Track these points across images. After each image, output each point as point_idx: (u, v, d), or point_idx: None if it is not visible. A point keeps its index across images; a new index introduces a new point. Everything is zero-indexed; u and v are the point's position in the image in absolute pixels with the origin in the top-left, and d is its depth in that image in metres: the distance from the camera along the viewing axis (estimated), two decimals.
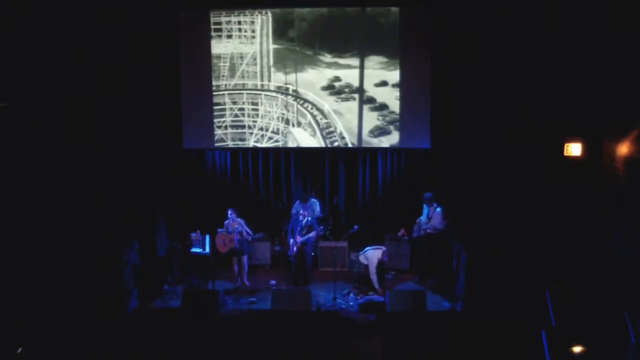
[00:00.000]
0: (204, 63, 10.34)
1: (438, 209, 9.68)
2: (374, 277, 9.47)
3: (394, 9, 10.03)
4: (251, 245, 10.46)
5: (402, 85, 10.19)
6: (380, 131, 10.53)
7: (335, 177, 11.16)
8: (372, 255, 9.50)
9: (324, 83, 10.42)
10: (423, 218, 9.80)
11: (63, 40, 9.26)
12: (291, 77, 10.41)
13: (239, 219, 9.71)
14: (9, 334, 7.83)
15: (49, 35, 9.17)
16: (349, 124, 10.52)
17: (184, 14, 10.16)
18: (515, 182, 9.39)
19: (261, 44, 10.33)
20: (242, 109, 10.63)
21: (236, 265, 9.82)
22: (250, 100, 10.62)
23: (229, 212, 9.73)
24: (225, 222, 9.76)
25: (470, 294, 8.84)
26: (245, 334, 8.41)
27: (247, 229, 9.73)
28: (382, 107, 10.42)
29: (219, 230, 9.80)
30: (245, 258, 9.88)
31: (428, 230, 9.67)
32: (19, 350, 7.39)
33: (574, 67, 8.90)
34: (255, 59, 10.43)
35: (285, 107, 10.55)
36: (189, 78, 10.33)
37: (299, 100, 10.48)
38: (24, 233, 9.16)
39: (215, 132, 10.67)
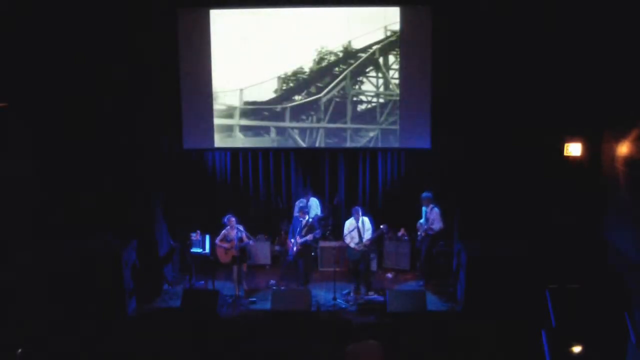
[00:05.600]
0: (204, 63, 10.34)
1: (435, 209, 9.66)
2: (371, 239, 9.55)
3: (394, 9, 10.02)
4: (251, 247, 10.46)
5: (402, 84, 10.18)
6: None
7: (335, 177, 11.17)
8: (367, 223, 9.58)
9: None
10: (423, 220, 9.78)
11: (63, 40, 9.25)
12: None
13: (238, 226, 9.64)
14: (9, 335, 7.83)
15: (49, 35, 9.17)
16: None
17: (184, 14, 10.15)
18: (515, 182, 9.38)
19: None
20: None
21: (235, 273, 9.73)
22: None
23: (227, 218, 9.61)
24: (223, 231, 9.68)
25: (470, 294, 8.84)
26: (245, 334, 8.41)
27: (247, 234, 9.69)
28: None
29: (217, 242, 9.70)
30: (245, 265, 9.86)
31: (429, 232, 9.65)
32: (19, 351, 7.39)
33: (574, 67, 8.90)
34: None
35: None
36: (189, 78, 10.33)
37: None
38: (24, 233, 9.16)
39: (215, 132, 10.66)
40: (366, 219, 9.64)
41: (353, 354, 6.72)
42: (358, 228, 9.53)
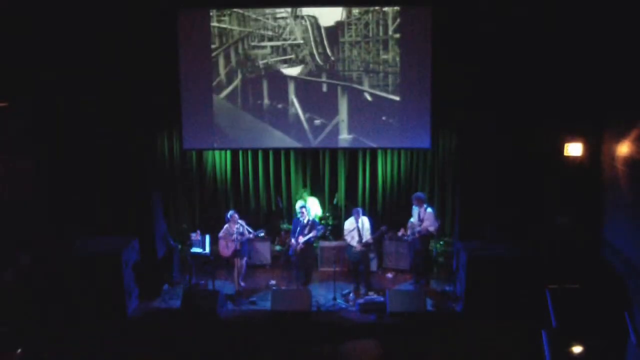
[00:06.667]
0: (204, 63, 10.34)
1: (429, 210, 9.65)
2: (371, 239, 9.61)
3: (394, 9, 10.03)
4: (251, 245, 10.50)
5: (402, 84, 10.18)
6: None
7: (335, 176, 11.18)
8: (367, 223, 9.63)
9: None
10: (414, 220, 9.78)
11: (63, 40, 9.25)
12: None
13: (240, 221, 9.73)
14: (9, 335, 7.84)
15: (49, 35, 9.17)
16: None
17: (184, 14, 10.15)
18: (515, 182, 9.38)
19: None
20: None
21: (236, 267, 9.86)
22: None
23: (230, 214, 9.75)
24: (225, 226, 9.76)
25: (470, 294, 8.85)
26: (245, 334, 8.42)
27: (248, 229, 9.76)
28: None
29: (220, 235, 9.80)
30: (244, 260, 9.92)
31: (423, 233, 9.64)
32: (18, 351, 7.40)
33: (574, 67, 8.90)
34: None
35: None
36: (189, 78, 10.33)
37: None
38: (24, 233, 9.16)
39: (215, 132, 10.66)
40: (366, 220, 9.66)
41: (351, 352, 6.75)
42: (358, 228, 9.55)
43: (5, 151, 8.99)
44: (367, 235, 9.55)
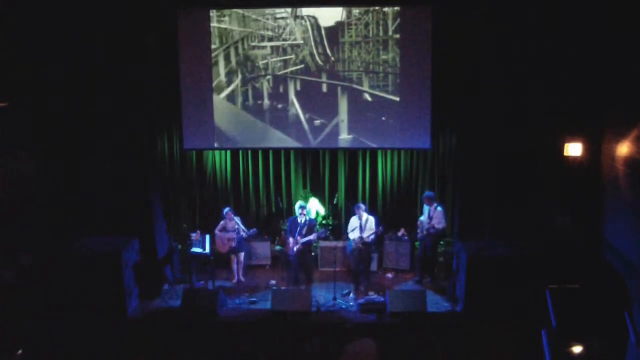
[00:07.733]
0: (204, 63, 10.34)
1: (439, 208, 9.71)
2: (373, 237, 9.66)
3: (394, 9, 10.03)
4: (250, 245, 10.53)
5: (402, 84, 10.18)
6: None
7: (335, 176, 11.18)
8: (372, 222, 9.69)
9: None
10: (424, 218, 9.81)
11: (63, 40, 9.25)
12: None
13: (235, 218, 9.86)
14: (9, 335, 7.84)
15: (49, 35, 9.16)
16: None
17: (184, 14, 10.15)
18: (515, 182, 9.38)
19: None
20: None
21: (235, 263, 10.07)
22: None
23: (225, 211, 9.98)
24: (222, 222, 9.93)
25: (470, 294, 8.85)
26: (245, 334, 8.43)
27: (243, 227, 9.83)
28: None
29: (217, 232, 9.96)
30: (242, 255, 10.13)
31: (430, 231, 9.67)
32: (19, 352, 7.40)
33: (574, 66, 8.89)
34: None
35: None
36: (189, 78, 10.33)
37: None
38: (24, 233, 9.16)
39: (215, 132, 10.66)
40: (371, 219, 9.68)
41: (350, 352, 6.78)
42: (360, 226, 9.58)
43: (5, 151, 8.98)
44: (367, 234, 9.57)
